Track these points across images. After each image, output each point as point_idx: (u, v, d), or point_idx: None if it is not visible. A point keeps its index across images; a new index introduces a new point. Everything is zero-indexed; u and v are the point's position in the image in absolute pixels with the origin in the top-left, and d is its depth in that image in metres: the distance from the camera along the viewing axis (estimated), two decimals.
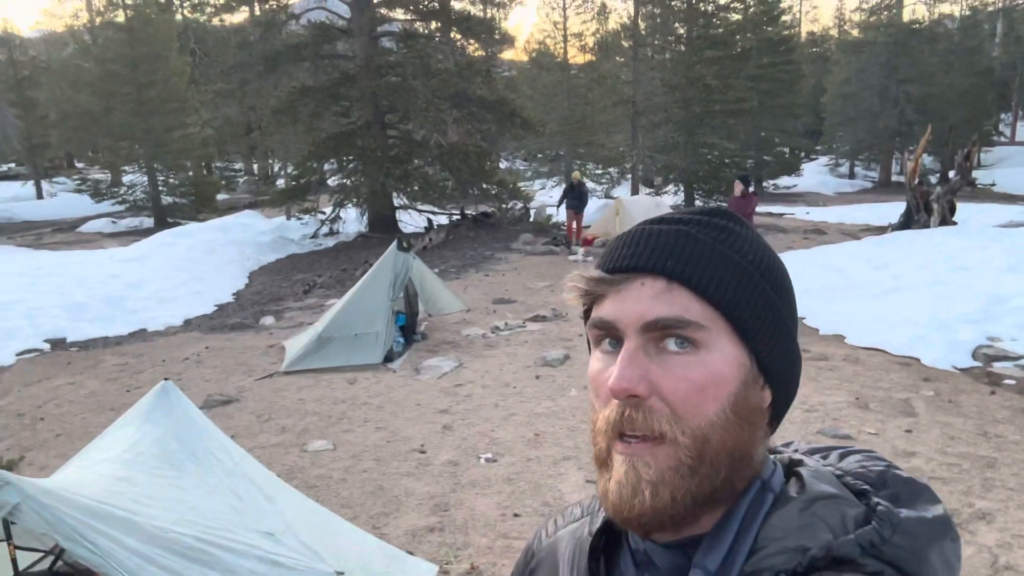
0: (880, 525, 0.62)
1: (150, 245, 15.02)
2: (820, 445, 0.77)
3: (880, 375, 6.82)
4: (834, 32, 49.62)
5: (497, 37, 22.96)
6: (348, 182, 18.83)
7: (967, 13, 41.70)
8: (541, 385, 7.02)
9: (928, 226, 14.74)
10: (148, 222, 23.47)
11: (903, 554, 0.61)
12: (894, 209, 17.78)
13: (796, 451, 0.76)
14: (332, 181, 19.57)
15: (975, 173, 25.34)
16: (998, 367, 6.84)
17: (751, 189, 10.60)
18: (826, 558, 0.60)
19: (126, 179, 25.83)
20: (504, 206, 19.34)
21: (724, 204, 13.23)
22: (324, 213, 18.87)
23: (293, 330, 9.71)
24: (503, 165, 27.97)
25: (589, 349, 0.74)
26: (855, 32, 37.52)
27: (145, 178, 24.59)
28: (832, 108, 34.74)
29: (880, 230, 16.20)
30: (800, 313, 7.42)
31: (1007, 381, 6.53)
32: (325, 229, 18.72)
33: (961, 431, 5.49)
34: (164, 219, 23.34)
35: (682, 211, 0.74)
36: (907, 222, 15.41)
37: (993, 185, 27.58)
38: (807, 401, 6.10)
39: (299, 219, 19.31)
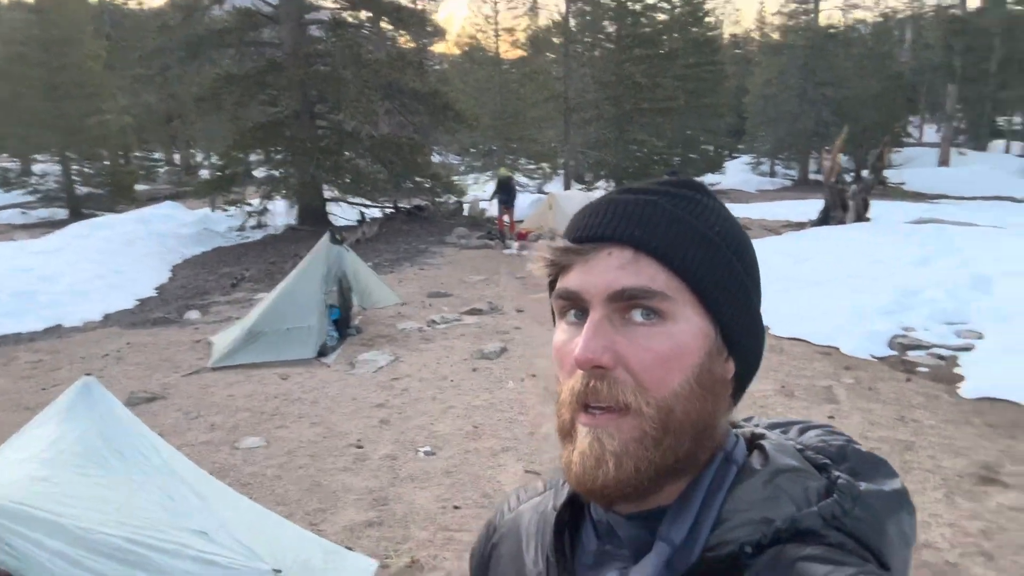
0: (841, 498, 0.63)
1: (64, 237, 14.27)
2: (781, 420, 0.78)
3: (804, 364, 7.09)
4: (756, 35, 51.22)
5: (429, 29, 22.76)
6: (276, 173, 18.34)
7: (879, 20, 43.73)
8: (478, 378, 7.01)
9: (844, 222, 15.42)
10: (61, 213, 22.30)
11: (863, 526, 0.63)
12: (813, 206, 18.47)
13: (757, 425, 0.77)
14: (259, 172, 19.03)
15: (886, 172, 26.70)
16: (912, 355, 7.21)
17: None
18: (790, 530, 0.62)
19: (37, 168, 24.49)
20: (438, 200, 19.22)
21: None
22: (251, 205, 18.33)
23: (220, 325, 9.40)
24: (436, 159, 27.76)
25: (554, 320, 0.74)
26: (775, 35, 38.82)
27: (58, 167, 23.36)
28: (754, 108, 35.91)
29: (800, 226, 16.84)
30: None
31: (921, 369, 6.89)
32: (252, 222, 18.19)
33: (880, 416, 5.76)
34: (79, 210, 22.24)
35: (650, 181, 0.73)
36: (825, 218, 16.07)
37: (903, 184, 29.01)
38: None
39: (224, 211, 18.70)
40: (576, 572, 0.73)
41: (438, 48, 36.31)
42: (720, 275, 0.68)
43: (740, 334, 0.70)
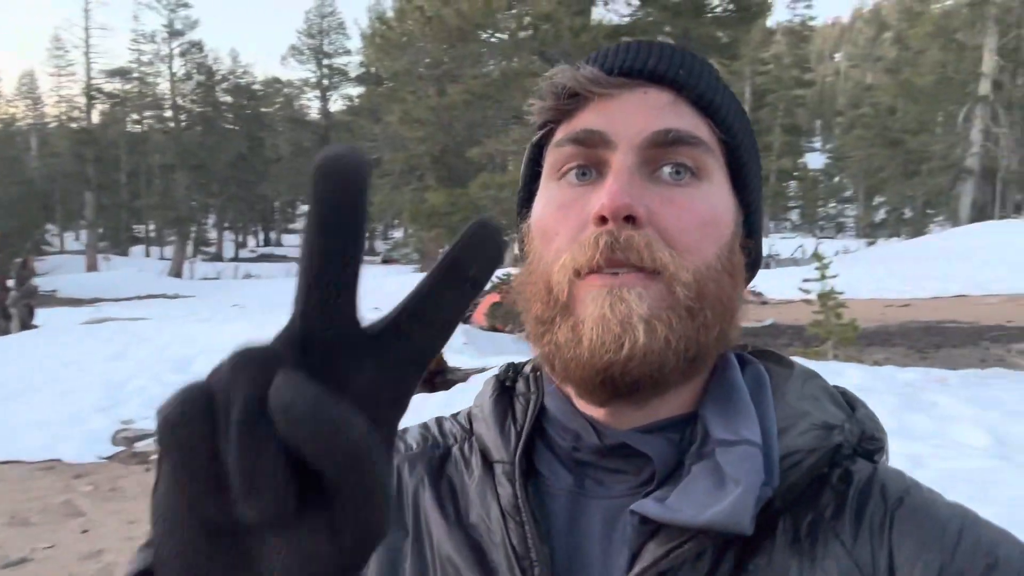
0: (852, 397, 0.60)
1: None
2: None
3: (27, 486, 6.00)
4: None
5: None
6: None
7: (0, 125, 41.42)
8: None
9: (10, 332, 14.18)
10: None
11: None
12: None
13: None
14: None
15: (35, 280, 25.29)
16: (141, 446, 7.01)
17: None
18: (856, 434, 0.56)
19: None
20: None
21: None
22: None
23: None
24: None
25: (526, 193, 0.62)
26: None
27: None
28: None
29: None
30: None
31: (155, 457, 6.74)
32: None
33: (136, 513, 5.37)
34: None
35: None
36: None
37: (55, 291, 28.07)
38: None
39: None
40: (551, 530, 0.55)
41: None
42: (751, 148, 0.60)
43: (756, 222, 0.61)
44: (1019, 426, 4.79)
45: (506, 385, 0.64)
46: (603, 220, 0.51)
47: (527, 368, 0.64)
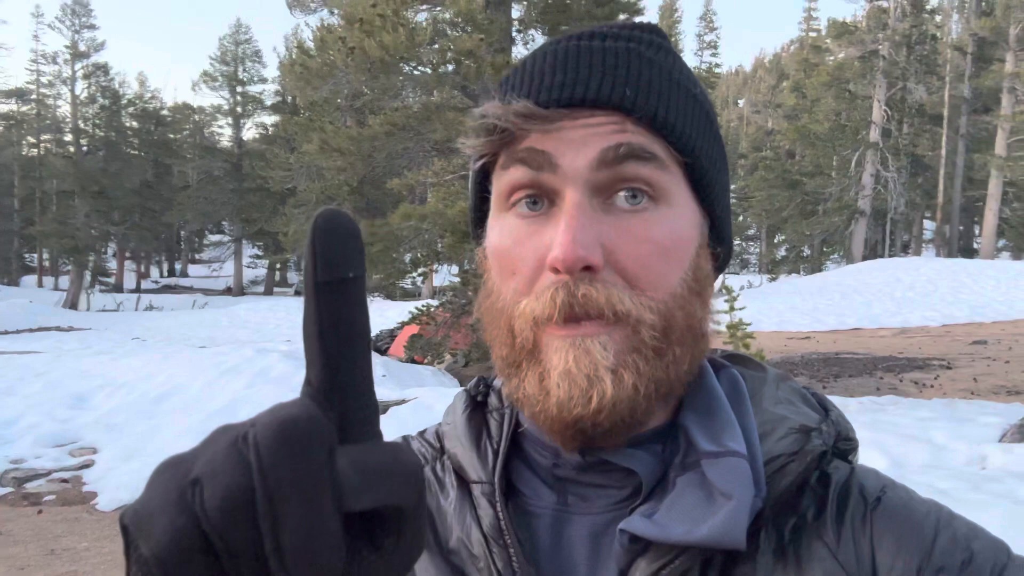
0: (822, 398, 0.60)
1: None
2: None
3: None
4: None
5: None
6: None
7: None
8: None
9: None
10: None
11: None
12: None
13: None
14: None
15: None
16: (33, 487, 6.54)
17: None
18: (833, 435, 0.56)
19: None
20: None
21: None
22: None
23: None
24: None
25: (475, 221, 0.60)
26: None
27: None
28: None
29: None
30: None
31: (48, 498, 6.30)
32: None
33: (28, 559, 4.99)
34: None
35: (607, 24, 0.56)
36: None
37: None
38: None
39: None
40: (537, 550, 0.55)
41: None
42: (712, 150, 0.56)
43: (726, 223, 0.58)
44: (913, 448, 5.09)
45: (478, 400, 0.62)
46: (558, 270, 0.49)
47: (498, 381, 0.61)
